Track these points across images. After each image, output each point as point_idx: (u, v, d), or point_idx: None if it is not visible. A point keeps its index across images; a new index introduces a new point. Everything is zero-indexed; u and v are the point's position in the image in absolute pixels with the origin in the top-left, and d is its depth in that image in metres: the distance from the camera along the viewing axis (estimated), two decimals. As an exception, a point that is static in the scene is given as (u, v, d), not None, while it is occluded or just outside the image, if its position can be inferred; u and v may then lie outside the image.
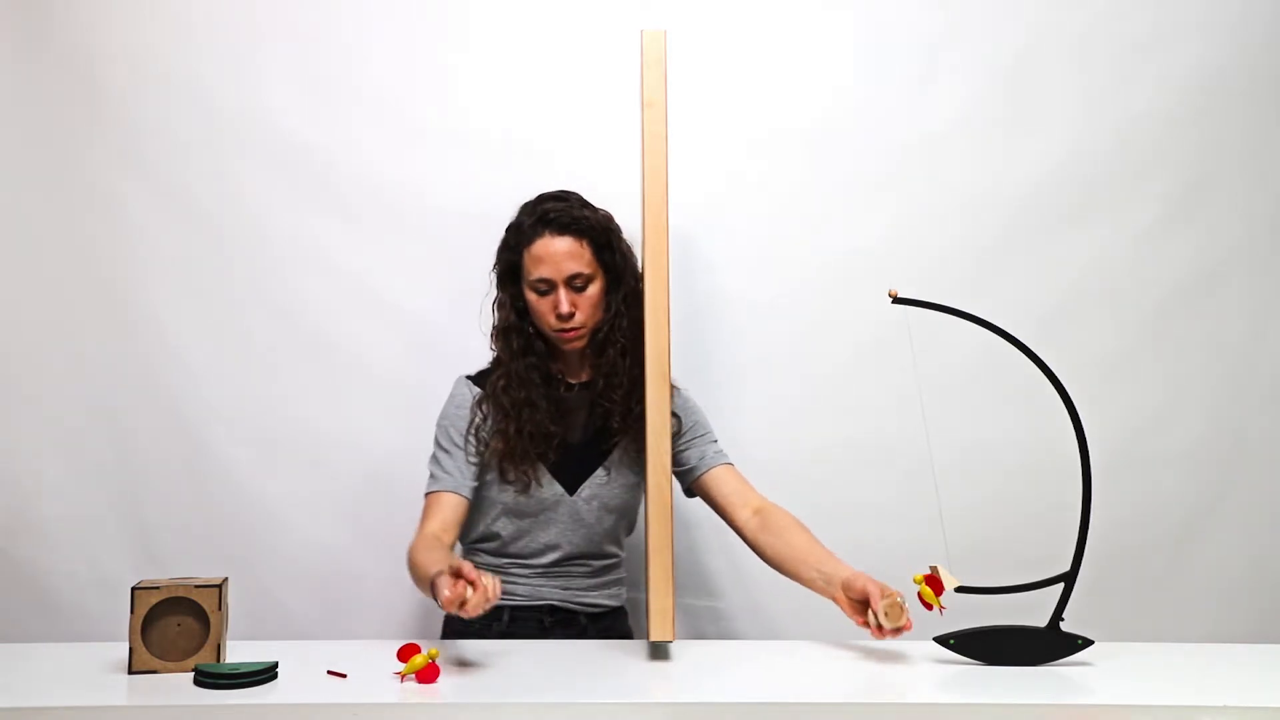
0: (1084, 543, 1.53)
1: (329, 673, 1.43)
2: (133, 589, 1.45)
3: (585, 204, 1.85)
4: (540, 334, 1.86)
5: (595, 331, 1.85)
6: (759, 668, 1.56)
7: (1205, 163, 2.27)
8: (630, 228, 1.95)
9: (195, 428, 2.19)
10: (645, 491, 1.80)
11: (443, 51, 2.24)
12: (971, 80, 2.26)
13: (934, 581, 1.56)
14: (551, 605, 1.87)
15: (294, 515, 2.20)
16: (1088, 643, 1.54)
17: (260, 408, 2.20)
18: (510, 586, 1.85)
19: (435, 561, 1.56)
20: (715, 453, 1.90)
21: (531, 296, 1.83)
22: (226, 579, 1.53)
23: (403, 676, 1.41)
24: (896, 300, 1.57)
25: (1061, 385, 1.54)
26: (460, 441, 1.83)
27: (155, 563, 2.16)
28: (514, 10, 2.24)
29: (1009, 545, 2.17)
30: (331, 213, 2.22)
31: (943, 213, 2.25)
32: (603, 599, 1.92)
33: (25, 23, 2.19)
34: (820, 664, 1.59)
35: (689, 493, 1.94)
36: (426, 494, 1.83)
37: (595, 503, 1.87)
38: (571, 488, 1.85)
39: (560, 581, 1.88)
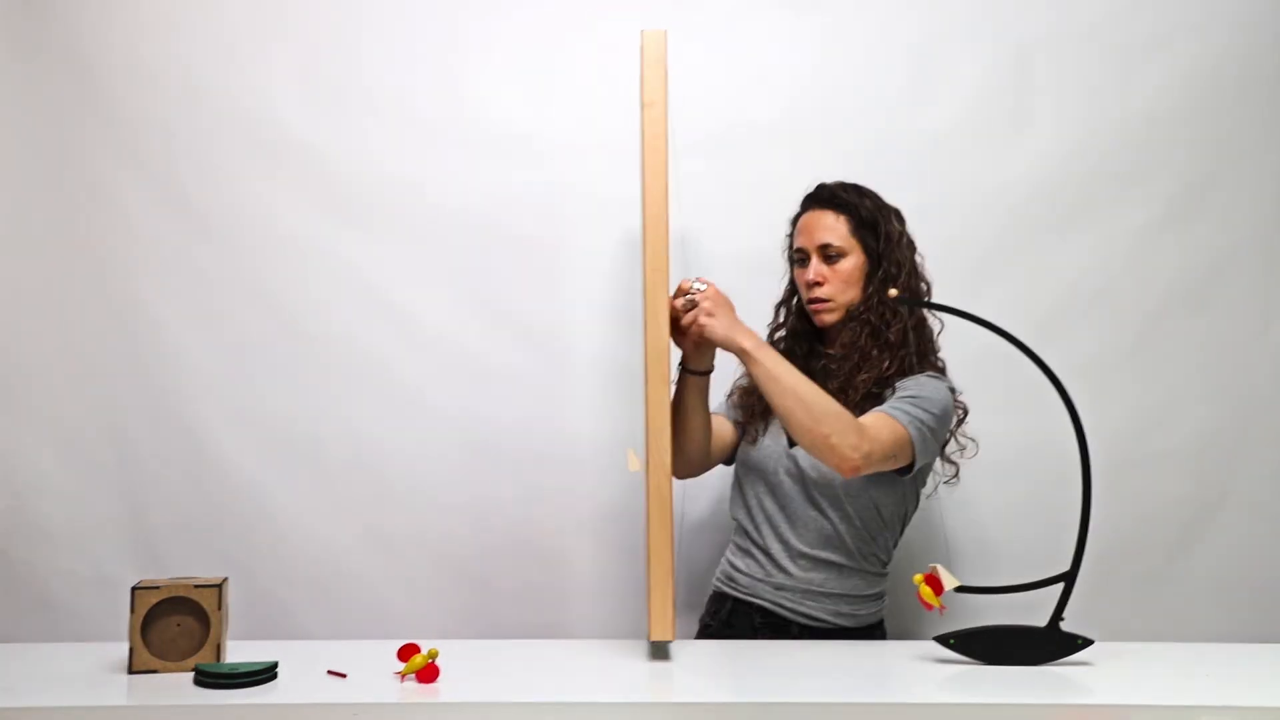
0: (1084, 542, 1.53)
1: (329, 673, 1.43)
2: (133, 589, 1.45)
3: (859, 189, 1.84)
4: (804, 311, 1.85)
5: (852, 311, 1.79)
6: (759, 668, 1.56)
7: (1205, 162, 2.27)
8: (630, 227, 1.95)
9: (195, 427, 2.19)
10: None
11: (444, 51, 2.24)
12: (972, 80, 2.26)
13: (934, 581, 1.56)
14: (761, 607, 1.75)
15: (294, 515, 2.19)
16: (1088, 642, 1.54)
17: (261, 407, 2.20)
18: (737, 575, 1.80)
19: None
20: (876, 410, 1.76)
21: (794, 270, 1.87)
22: (226, 579, 1.53)
23: (403, 676, 1.41)
24: (897, 300, 1.57)
25: (1061, 385, 1.54)
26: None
27: (155, 563, 2.16)
28: (515, 10, 2.24)
29: (1009, 545, 2.17)
30: (333, 212, 2.21)
31: (943, 212, 2.25)
32: (819, 611, 1.76)
33: (25, 23, 2.19)
34: (820, 663, 1.59)
35: None
36: None
37: (822, 467, 1.73)
38: (793, 442, 1.76)
39: (780, 579, 1.76)
